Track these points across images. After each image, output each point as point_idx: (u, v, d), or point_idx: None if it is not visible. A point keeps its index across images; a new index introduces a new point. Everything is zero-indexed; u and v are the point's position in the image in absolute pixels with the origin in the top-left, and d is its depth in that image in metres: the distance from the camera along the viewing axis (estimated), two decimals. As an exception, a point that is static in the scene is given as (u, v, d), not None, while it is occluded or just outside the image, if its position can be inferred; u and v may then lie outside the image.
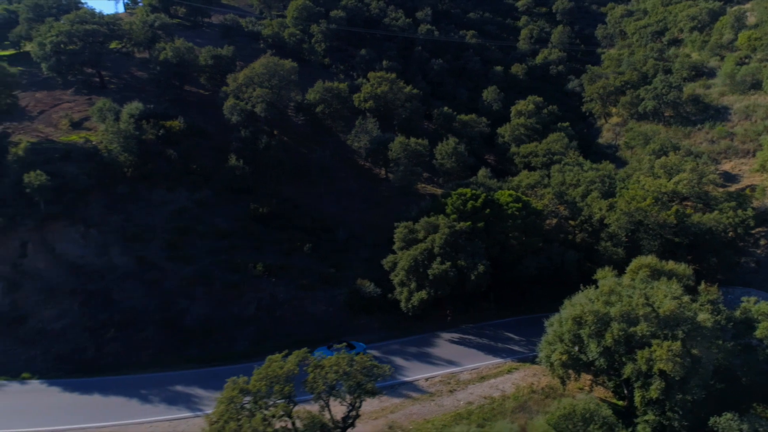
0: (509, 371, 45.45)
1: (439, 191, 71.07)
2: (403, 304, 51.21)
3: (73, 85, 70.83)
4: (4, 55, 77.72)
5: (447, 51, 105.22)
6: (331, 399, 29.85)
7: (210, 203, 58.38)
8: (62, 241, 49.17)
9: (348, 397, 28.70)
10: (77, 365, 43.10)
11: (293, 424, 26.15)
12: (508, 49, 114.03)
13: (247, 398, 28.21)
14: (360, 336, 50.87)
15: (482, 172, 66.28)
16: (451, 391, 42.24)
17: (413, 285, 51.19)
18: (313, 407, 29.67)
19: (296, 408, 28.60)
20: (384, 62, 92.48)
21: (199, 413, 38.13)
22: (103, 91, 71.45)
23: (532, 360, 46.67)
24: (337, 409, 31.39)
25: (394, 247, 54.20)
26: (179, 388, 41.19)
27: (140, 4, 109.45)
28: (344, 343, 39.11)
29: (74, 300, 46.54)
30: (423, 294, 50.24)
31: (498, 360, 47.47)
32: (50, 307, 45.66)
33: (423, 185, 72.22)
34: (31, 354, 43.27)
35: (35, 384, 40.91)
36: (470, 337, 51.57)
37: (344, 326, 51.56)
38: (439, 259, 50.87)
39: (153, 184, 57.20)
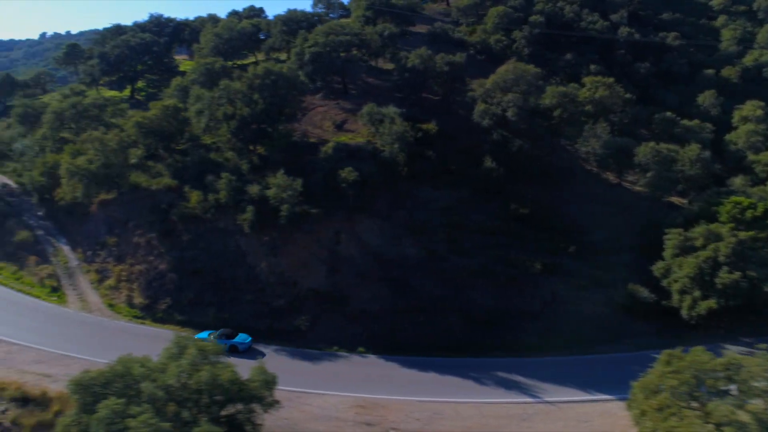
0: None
1: (676, 199, 69.66)
2: (685, 312, 51.04)
3: (320, 90, 77.88)
4: (248, 64, 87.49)
5: (647, 54, 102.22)
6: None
7: (469, 202, 61.75)
8: (365, 232, 54.66)
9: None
10: (395, 344, 47.69)
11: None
12: (709, 50, 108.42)
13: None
14: (639, 340, 51.50)
15: (740, 179, 63.99)
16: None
17: (697, 293, 50.86)
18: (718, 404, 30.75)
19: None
20: (591, 66, 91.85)
21: (538, 399, 40.91)
22: (346, 95, 78.05)
23: None
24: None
25: (665, 253, 54.11)
26: (501, 374, 44.29)
27: (333, 15, 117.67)
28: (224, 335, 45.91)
29: (383, 285, 51.60)
30: (712, 303, 49.77)
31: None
32: (365, 290, 51.01)
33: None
34: (357, 331, 48.63)
35: (372, 358, 46.00)
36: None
37: (622, 328, 52.33)
38: (726, 268, 50.11)
39: (420, 183, 61.65)
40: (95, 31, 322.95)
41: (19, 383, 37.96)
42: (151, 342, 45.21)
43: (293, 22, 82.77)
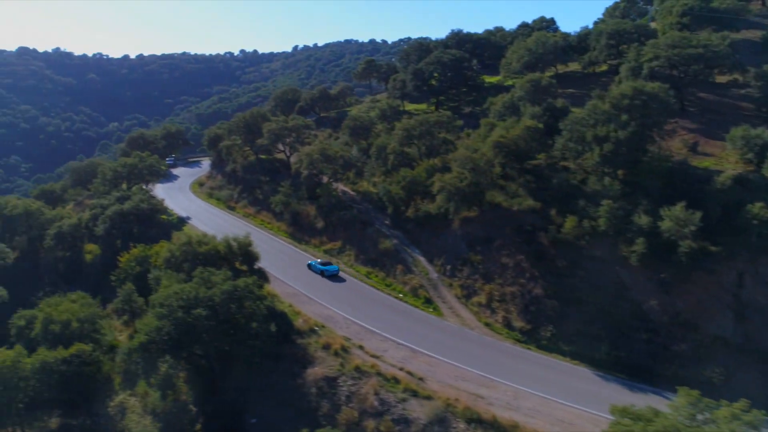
0: None
1: None
2: None
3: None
4: (554, 75, 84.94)
5: None
6: None
7: None
8: (773, 277, 47.81)
9: None
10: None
11: None
12: None
13: None
14: None
15: None
16: None
17: None
18: None
19: None
20: None
21: None
22: (683, 113, 70.94)
23: None
24: None
25: None
26: None
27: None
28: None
29: (809, 344, 44.38)
30: None
31: None
32: (786, 346, 44.30)
33: None
34: (784, 394, 42.18)
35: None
36: None
37: None
38: None
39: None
40: (337, 43, 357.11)
41: (464, 402, 39.44)
42: (559, 374, 44.57)
43: (619, 34, 78.00)
